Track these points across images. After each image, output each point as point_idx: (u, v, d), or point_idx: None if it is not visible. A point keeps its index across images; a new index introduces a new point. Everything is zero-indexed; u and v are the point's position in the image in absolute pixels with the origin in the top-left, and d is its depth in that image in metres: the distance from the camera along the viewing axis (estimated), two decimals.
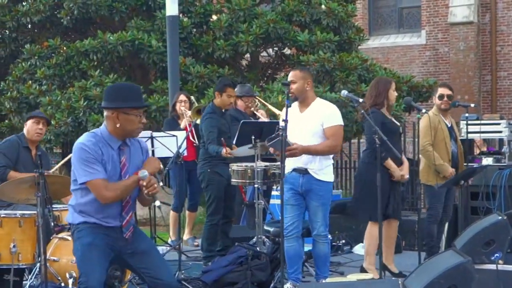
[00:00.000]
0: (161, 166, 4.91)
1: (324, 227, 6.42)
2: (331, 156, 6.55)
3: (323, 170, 6.39)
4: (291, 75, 6.47)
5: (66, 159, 7.98)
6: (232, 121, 7.90)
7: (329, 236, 6.63)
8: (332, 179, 6.51)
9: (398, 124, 7.24)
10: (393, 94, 7.11)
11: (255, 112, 8.84)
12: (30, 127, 6.99)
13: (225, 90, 7.68)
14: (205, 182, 7.75)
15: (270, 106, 9.64)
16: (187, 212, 9.37)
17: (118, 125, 4.59)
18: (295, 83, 6.39)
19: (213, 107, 7.79)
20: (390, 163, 6.89)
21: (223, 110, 7.74)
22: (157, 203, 4.65)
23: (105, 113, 4.67)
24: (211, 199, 7.72)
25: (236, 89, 8.27)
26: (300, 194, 6.41)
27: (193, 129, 8.08)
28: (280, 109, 8.76)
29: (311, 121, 6.38)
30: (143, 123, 4.67)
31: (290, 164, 6.32)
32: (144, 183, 4.55)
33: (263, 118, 8.81)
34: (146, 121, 4.66)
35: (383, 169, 6.69)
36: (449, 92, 7.61)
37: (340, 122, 6.44)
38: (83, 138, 4.65)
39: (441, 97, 7.61)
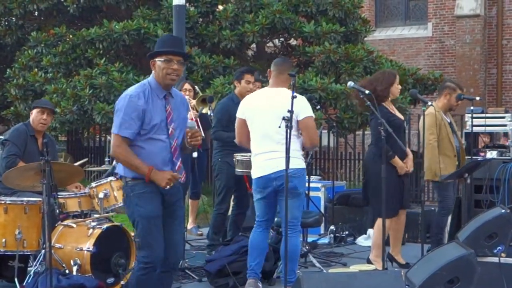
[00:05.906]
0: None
1: None
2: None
3: None
4: None
5: None
6: None
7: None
8: None
9: (402, 118, 7.20)
10: (397, 88, 7.10)
11: None
12: (35, 117, 6.95)
13: (243, 77, 7.65)
14: (216, 171, 7.77)
15: None
16: (189, 200, 9.39)
17: (155, 73, 4.79)
18: None
19: (232, 95, 7.81)
20: (397, 160, 6.88)
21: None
22: (195, 154, 4.94)
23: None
24: (220, 188, 7.72)
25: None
26: None
27: (197, 119, 8.07)
28: None
29: None
30: (173, 69, 4.75)
31: None
32: (189, 134, 4.84)
33: None
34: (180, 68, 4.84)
35: (389, 163, 6.70)
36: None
37: None
38: (131, 90, 4.81)
39: (460, 96, 7.67)
